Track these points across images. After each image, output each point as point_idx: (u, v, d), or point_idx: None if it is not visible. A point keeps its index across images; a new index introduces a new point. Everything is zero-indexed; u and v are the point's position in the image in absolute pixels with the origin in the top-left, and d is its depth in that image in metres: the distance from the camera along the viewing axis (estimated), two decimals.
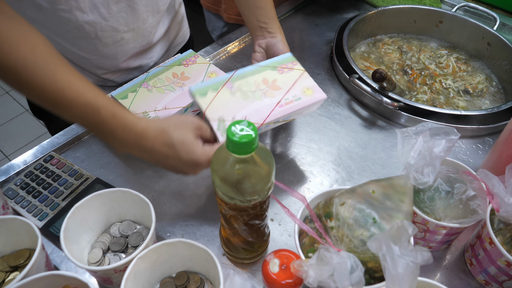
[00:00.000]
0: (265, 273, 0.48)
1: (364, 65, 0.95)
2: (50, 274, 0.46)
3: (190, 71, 0.77)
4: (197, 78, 0.76)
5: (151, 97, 0.72)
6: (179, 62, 0.80)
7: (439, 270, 0.58)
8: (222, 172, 0.43)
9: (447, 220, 0.52)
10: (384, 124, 0.80)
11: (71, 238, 0.52)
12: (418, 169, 0.50)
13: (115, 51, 0.79)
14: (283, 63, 0.68)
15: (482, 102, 0.87)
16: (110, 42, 0.77)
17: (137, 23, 0.78)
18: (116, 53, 0.80)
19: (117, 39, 0.77)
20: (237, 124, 0.40)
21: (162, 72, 0.77)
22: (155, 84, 0.75)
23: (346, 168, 0.71)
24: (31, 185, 0.64)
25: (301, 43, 1.00)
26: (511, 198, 0.49)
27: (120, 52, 0.80)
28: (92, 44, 0.76)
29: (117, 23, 0.75)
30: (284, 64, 0.68)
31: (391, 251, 0.40)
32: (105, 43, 0.76)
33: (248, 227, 0.50)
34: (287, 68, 0.67)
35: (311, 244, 0.49)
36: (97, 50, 0.77)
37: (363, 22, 0.98)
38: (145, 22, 0.79)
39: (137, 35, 0.80)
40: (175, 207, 0.65)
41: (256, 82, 0.64)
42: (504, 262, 0.49)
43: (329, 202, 0.50)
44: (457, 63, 0.96)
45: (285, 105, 0.62)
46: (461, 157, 0.74)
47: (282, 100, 0.62)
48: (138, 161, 0.71)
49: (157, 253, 0.50)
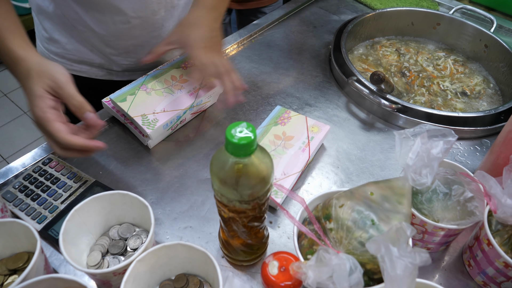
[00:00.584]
0: (264, 275, 0.48)
1: (362, 67, 0.95)
2: (49, 277, 0.46)
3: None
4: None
5: (150, 99, 0.72)
6: (177, 64, 0.80)
7: (438, 272, 0.58)
8: (221, 174, 0.43)
9: (445, 222, 0.53)
10: (382, 126, 0.80)
11: (70, 241, 0.52)
12: (416, 170, 0.50)
13: (121, 32, 0.80)
14: (279, 116, 0.75)
15: (480, 104, 0.88)
16: (117, 20, 0.77)
17: (145, 12, 0.78)
18: (123, 34, 0.80)
19: (123, 21, 0.78)
20: (236, 126, 0.40)
21: (161, 75, 0.77)
22: (153, 87, 0.75)
23: (344, 170, 0.71)
24: (30, 188, 0.64)
25: (299, 46, 1.01)
26: (508, 199, 0.49)
27: (127, 34, 0.80)
28: (102, 17, 0.76)
29: (124, 6, 0.75)
30: (281, 116, 0.75)
31: (390, 253, 0.40)
32: (112, 20, 0.77)
33: (247, 229, 0.50)
34: (286, 119, 0.75)
35: (310, 246, 0.49)
36: (106, 25, 0.78)
37: (361, 25, 0.99)
38: (156, 13, 0.79)
39: (146, 24, 0.80)
40: (174, 209, 0.65)
41: (271, 141, 0.71)
42: (502, 263, 0.50)
43: (327, 204, 0.50)
44: (455, 65, 0.97)
45: (305, 147, 0.70)
46: (459, 159, 0.75)
47: (301, 145, 0.70)
48: (137, 164, 0.71)
49: (156, 256, 0.50)
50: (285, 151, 0.69)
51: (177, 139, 0.76)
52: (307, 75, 0.92)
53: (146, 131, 0.68)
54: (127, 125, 0.75)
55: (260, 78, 0.90)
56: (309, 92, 0.87)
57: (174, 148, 0.74)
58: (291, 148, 0.69)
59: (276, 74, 0.91)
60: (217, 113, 0.81)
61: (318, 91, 0.87)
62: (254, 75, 0.91)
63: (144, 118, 0.70)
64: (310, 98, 0.86)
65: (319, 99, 0.86)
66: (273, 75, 0.91)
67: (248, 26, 1.04)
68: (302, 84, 0.89)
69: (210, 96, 0.78)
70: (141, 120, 0.69)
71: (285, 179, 0.65)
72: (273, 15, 1.09)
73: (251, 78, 0.90)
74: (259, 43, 1.01)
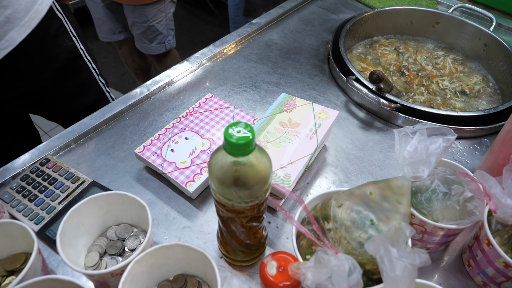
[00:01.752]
0: (263, 275, 0.48)
1: (361, 66, 0.95)
2: (46, 278, 0.45)
3: (297, 116, 0.71)
4: (308, 121, 0.70)
5: (270, 154, 0.63)
6: (278, 109, 0.72)
7: (437, 272, 0.58)
8: (219, 174, 0.43)
9: (445, 222, 0.52)
10: (382, 126, 0.80)
11: (67, 242, 0.52)
12: (413, 165, 0.50)
13: None
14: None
15: (479, 103, 0.87)
16: None
17: None
18: None
19: None
20: (234, 126, 0.40)
21: (267, 125, 0.69)
22: (267, 139, 0.67)
23: (343, 170, 0.71)
24: (27, 189, 0.64)
25: (297, 45, 1.00)
26: (508, 199, 0.49)
27: None
28: None
29: None
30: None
31: (389, 253, 0.39)
32: None
33: (246, 229, 0.50)
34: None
35: (308, 246, 0.49)
36: None
37: (360, 24, 0.98)
38: None
39: None
40: (172, 209, 0.64)
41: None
42: (502, 263, 0.49)
43: (326, 204, 0.49)
44: (454, 64, 0.97)
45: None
46: (458, 158, 0.74)
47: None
48: (135, 163, 0.71)
49: (154, 257, 0.50)
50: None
51: None
52: (305, 74, 0.91)
53: (283, 191, 0.58)
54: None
55: (259, 77, 0.90)
56: (308, 91, 0.87)
57: None
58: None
59: (274, 74, 0.91)
60: None
61: (316, 91, 0.87)
62: (252, 75, 0.90)
63: (274, 176, 0.62)
64: (309, 97, 0.85)
65: (318, 98, 0.85)
66: (271, 75, 0.91)
67: (246, 25, 1.04)
68: (301, 83, 0.89)
69: (327, 136, 0.72)
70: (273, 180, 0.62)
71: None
72: (271, 14, 1.09)
73: (249, 77, 0.90)
74: (258, 42, 1.01)
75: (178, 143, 0.69)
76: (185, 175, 0.64)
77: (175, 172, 0.65)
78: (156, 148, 0.68)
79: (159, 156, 0.67)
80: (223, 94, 0.85)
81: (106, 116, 0.78)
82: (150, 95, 0.84)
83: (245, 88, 0.87)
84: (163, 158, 0.67)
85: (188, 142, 0.69)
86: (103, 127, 0.78)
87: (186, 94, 0.85)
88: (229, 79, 0.89)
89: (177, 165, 0.66)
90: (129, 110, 0.81)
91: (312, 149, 0.65)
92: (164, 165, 0.66)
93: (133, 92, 0.83)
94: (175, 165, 0.66)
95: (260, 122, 0.70)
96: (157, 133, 0.71)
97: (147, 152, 0.68)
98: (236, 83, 0.88)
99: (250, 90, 0.86)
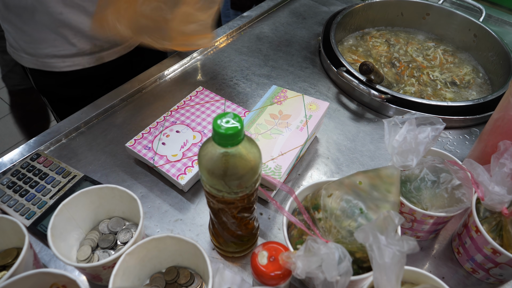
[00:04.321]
0: (254, 265, 0.48)
1: (352, 58, 0.95)
2: (37, 272, 0.45)
3: (287, 108, 0.71)
4: (299, 113, 0.70)
5: (260, 146, 0.64)
6: (269, 101, 0.72)
7: (428, 260, 0.59)
8: (208, 165, 0.43)
9: (434, 210, 0.53)
10: (372, 117, 0.80)
11: (59, 236, 0.52)
12: (402, 154, 0.50)
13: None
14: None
15: (469, 93, 0.88)
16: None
17: None
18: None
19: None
20: (222, 116, 0.40)
21: (257, 117, 0.70)
22: (257, 131, 0.67)
23: (334, 161, 0.71)
24: (18, 184, 0.64)
25: (288, 38, 1.00)
26: (495, 186, 0.50)
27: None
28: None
29: None
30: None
31: (378, 241, 0.40)
32: None
33: (237, 220, 0.50)
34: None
35: (299, 236, 0.49)
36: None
37: (351, 16, 0.98)
38: None
39: None
40: (163, 202, 0.65)
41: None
42: (490, 249, 0.50)
43: (316, 194, 0.50)
44: (444, 55, 0.97)
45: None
46: (448, 148, 0.75)
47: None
48: (126, 157, 0.71)
49: (146, 249, 0.50)
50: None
51: None
52: (296, 66, 0.92)
53: (274, 182, 0.58)
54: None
55: (250, 70, 0.90)
56: (299, 83, 0.87)
57: None
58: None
59: (265, 66, 0.91)
60: None
61: (308, 83, 0.87)
62: (243, 68, 0.90)
63: (264, 166, 0.62)
64: (300, 89, 0.85)
65: (309, 90, 0.85)
66: (262, 67, 0.91)
67: (237, 19, 1.04)
68: (292, 76, 0.89)
69: (317, 127, 0.72)
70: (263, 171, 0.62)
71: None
72: (262, 7, 1.08)
73: (240, 70, 0.90)
74: (249, 35, 1.00)
75: (169, 137, 0.69)
76: (177, 168, 0.64)
77: (166, 165, 0.65)
78: (147, 142, 0.68)
79: (150, 150, 0.67)
80: (214, 87, 0.85)
81: (97, 110, 0.78)
82: (141, 89, 0.84)
83: (236, 81, 0.87)
84: (154, 151, 0.67)
85: (179, 135, 0.69)
86: (94, 121, 0.77)
87: (177, 87, 0.85)
88: (220, 72, 0.89)
89: (168, 158, 0.66)
90: (120, 104, 0.81)
91: (302, 140, 0.66)
92: (155, 158, 0.66)
93: (124, 86, 0.83)
94: (167, 158, 0.66)
95: (251, 114, 0.70)
96: (148, 127, 0.70)
97: (138, 146, 0.67)
98: (227, 76, 0.88)
99: (241, 83, 0.86)
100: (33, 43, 0.81)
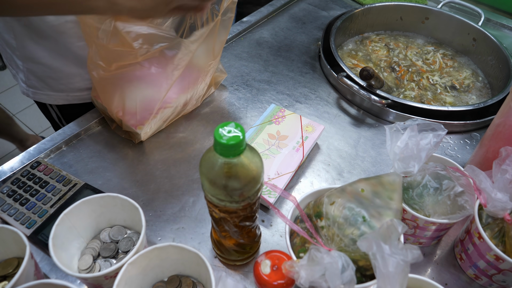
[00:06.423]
0: (257, 274, 0.48)
1: (352, 63, 0.95)
2: (39, 282, 0.45)
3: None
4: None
5: None
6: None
7: (430, 266, 0.58)
8: (210, 175, 0.43)
9: (436, 216, 0.53)
10: (373, 122, 0.80)
11: (60, 246, 0.51)
12: (404, 160, 0.50)
13: None
14: (274, 115, 0.75)
15: (469, 97, 0.88)
16: None
17: None
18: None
19: None
20: (224, 126, 0.40)
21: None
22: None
23: (336, 167, 0.71)
24: (18, 192, 0.63)
25: (288, 43, 1.00)
26: (498, 193, 0.50)
27: None
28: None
29: None
30: (276, 114, 0.75)
31: (381, 250, 0.40)
32: None
33: (239, 229, 0.50)
34: (280, 117, 0.74)
35: (302, 244, 0.49)
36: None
37: (350, 20, 0.99)
38: None
39: None
40: (165, 211, 0.64)
41: (265, 140, 0.70)
42: (493, 256, 0.50)
43: (319, 202, 0.50)
44: (444, 59, 0.97)
45: (299, 147, 0.69)
46: (449, 153, 0.75)
47: (295, 145, 0.70)
48: (127, 165, 0.71)
49: (148, 258, 0.49)
50: (279, 150, 0.69)
51: (167, 139, 0.75)
52: (297, 72, 0.92)
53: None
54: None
55: (250, 76, 0.90)
56: (299, 89, 0.87)
57: (164, 149, 0.73)
58: (285, 147, 0.69)
59: (266, 72, 0.91)
60: (207, 112, 0.81)
61: (308, 88, 0.87)
62: (243, 73, 0.90)
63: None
64: (300, 95, 0.85)
65: (309, 96, 0.85)
66: (263, 73, 0.91)
67: (237, 24, 1.04)
68: (292, 81, 0.89)
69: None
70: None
71: (279, 179, 0.65)
72: (262, 12, 1.09)
73: (241, 76, 0.90)
74: (248, 40, 1.00)
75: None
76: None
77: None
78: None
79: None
80: (214, 93, 0.85)
81: (98, 117, 0.77)
82: None
83: (236, 86, 0.87)
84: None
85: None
86: (94, 129, 0.77)
87: None
88: None
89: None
90: None
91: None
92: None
93: None
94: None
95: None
96: None
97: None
98: (227, 82, 0.88)
99: (242, 89, 0.86)
100: (64, 79, 0.80)
